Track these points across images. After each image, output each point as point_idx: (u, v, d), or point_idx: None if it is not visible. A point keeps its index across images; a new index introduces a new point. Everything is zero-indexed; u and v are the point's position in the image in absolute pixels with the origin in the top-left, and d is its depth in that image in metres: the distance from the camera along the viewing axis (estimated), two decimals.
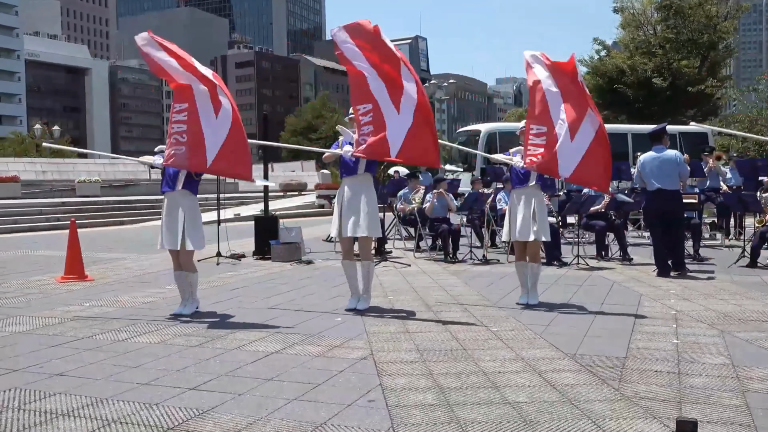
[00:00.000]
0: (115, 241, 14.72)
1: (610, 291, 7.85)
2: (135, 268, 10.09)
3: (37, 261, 11.11)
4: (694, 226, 10.76)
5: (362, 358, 4.90)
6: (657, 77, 33.90)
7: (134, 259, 11.31)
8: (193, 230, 6.54)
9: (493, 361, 4.79)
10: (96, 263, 10.60)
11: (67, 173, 29.40)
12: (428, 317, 6.37)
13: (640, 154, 14.47)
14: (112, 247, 13.50)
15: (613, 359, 4.83)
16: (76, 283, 8.60)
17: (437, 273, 9.46)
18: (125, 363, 4.83)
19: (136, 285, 8.51)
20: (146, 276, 9.36)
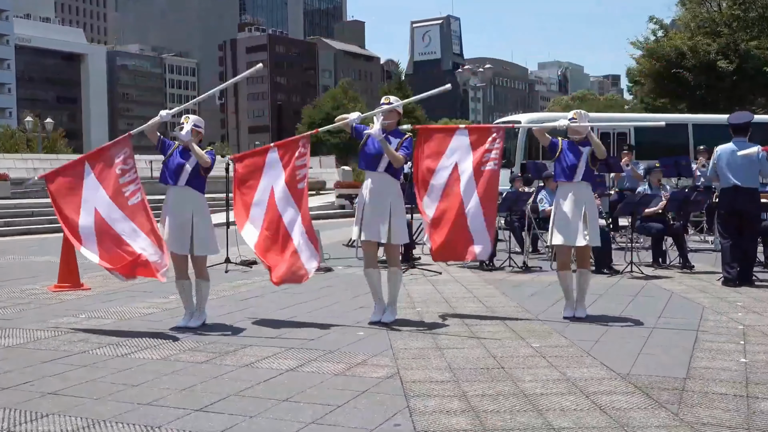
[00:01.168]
0: None
1: (668, 303, 7.78)
2: None
3: (28, 268, 11.29)
4: (766, 229, 10.62)
5: (387, 377, 4.90)
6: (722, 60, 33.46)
7: None
8: (205, 233, 6.59)
9: (534, 382, 4.77)
10: (92, 270, 10.70)
11: None
12: (461, 331, 6.36)
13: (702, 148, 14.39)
14: None
15: (672, 380, 4.78)
16: (71, 293, 8.71)
17: (472, 282, 9.44)
18: (125, 381, 4.88)
19: (137, 294, 8.61)
20: (148, 284, 9.44)
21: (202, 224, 6.58)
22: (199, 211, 6.60)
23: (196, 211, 6.56)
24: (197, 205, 6.61)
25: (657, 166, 11.53)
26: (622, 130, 21.39)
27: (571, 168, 6.90)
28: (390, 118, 6.75)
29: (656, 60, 35.55)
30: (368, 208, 6.63)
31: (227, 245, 11.05)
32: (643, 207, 10.49)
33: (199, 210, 6.61)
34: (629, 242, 10.77)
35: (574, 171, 6.89)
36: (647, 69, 36.20)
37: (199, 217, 6.57)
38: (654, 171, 11.35)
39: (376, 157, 6.63)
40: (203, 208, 6.67)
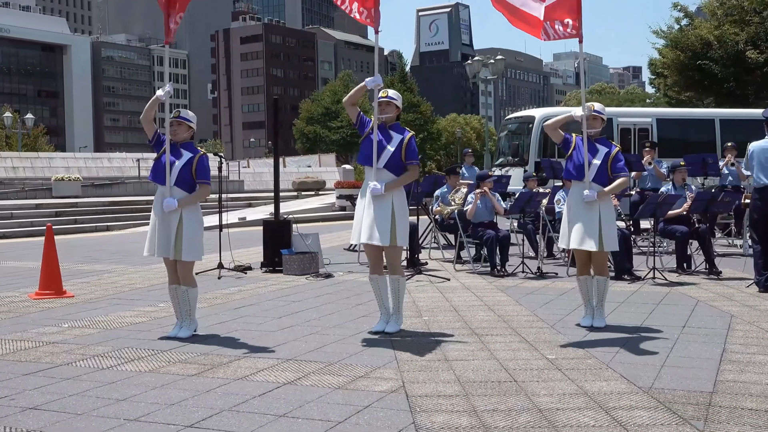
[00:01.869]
0: (98, 250, 14.93)
1: (693, 311, 7.77)
2: (122, 283, 10.23)
3: (6, 273, 11.31)
4: None
5: (392, 391, 4.91)
6: (751, 50, 33.41)
7: (121, 271, 11.46)
8: (192, 236, 6.53)
9: (550, 396, 4.77)
10: (76, 276, 10.76)
11: (43, 170, 29.92)
12: (471, 342, 6.37)
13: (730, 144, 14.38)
14: (95, 256, 13.69)
15: (698, 394, 4.78)
16: (53, 300, 8.73)
17: (482, 289, 9.45)
18: (110, 395, 4.89)
19: (124, 302, 8.62)
20: (135, 292, 9.48)
21: (190, 227, 6.52)
22: (190, 212, 6.56)
23: (185, 213, 6.51)
24: (189, 208, 6.56)
25: (682, 164, 11.52)
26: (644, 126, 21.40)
27: (579, 168, 6.92)
28: (388, 111, 6.77)
29: (680, 50, 35.52)
30: (368, 207, 6.62)
31: (220, 250, 11.07)
32: (667, 208, 10.49)
33: (189, 211, 6.56)
34: (651, 246, 10.77)
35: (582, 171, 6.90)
36: (671, 60, 36.16)
37: (189, 220, 6.52)
38: (678, 169, 11.34)
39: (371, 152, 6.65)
40: (194, 209, 6.64)
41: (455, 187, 11.93)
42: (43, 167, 30.30)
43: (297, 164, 47.30)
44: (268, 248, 11.42)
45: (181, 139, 6.72)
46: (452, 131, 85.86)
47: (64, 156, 35.68)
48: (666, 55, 36.84)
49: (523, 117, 24.65)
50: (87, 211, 22.09)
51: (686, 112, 25.99)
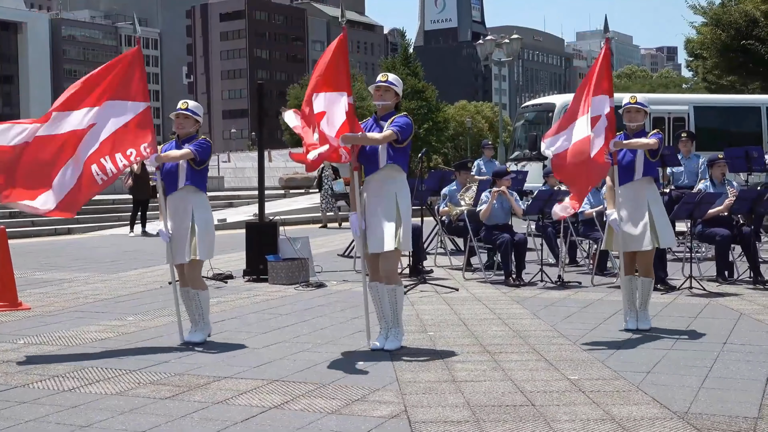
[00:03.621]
0: (59, 257, 14.93)
1: (736, 325, 7.79)
2: (86, 293, 10.24)
3: None
4: None
5: (392, 417, 4.92)
6: None
7: (85, 280, 11.46)
8: (206, 235, 7.06)
9: (572, 422, 4.79)
10: (33, 286, 10.76)
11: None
12: (482, 360, 6.38)
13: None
14: (55, 264, 13.70)
15: (741, 420, 4.80)
16: (7, 313, 8.73)
17: (495, 300, 9.47)
18: (73, 421, 4.90)
19: (88, 315, 8.63)
20: (101, 303, 9.49)
21: (203, 225, 7.05)
22: (201, 210, 7.11)
23: (197, 211, 7.05)
24: (200, 204, 7.11)
25: (720, 157, 11.54)
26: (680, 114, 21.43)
27: (628, 165, 7.19)
28: (386, 98, 6.80)
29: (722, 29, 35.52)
30: (371, 212, 6.67)
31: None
32: (705, 208, 10.50)
33: (201, 209, 7.12)
34: (688, 252, 10.78)
35: (632, 168, 7.23)
36: (711, 40, 36.17)
37: (201, 217, 7.07)
38: (717, 163, 11.35)
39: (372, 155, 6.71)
40: (207, 208, 7.24)
41: (465, 184, 11.93)
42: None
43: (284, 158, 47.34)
44: (251, 254, 11.42)
45: (185, 133, 7.15)
46: (461, 121, 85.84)
47: None
48: (705, 33, 36.85)
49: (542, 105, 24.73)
50: None
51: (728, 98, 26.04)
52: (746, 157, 13.63)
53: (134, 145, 6.92)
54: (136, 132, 6.97)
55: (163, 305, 9.21)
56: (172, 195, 7.07)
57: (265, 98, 14.07)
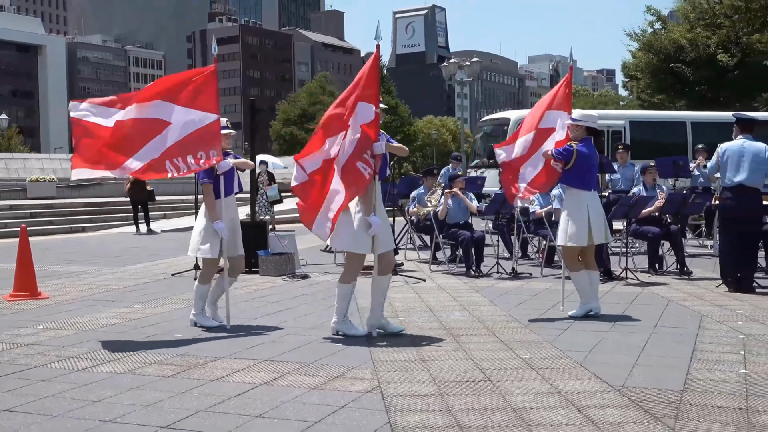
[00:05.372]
0: (74, 252, 14.81)
1: (665, 311, 7.85)
2: (97, 284, 10.16)
3: None
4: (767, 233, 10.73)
5: (368, 391, 4.92)
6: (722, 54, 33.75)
7: (97, 273, 11.38)
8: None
9: (524, 395, 4.80)
10: (51, 278, 10.67)
11: (17, 171, 29.58)
12: (446, 342, 6.39)
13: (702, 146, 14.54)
14: (70, 258, 13.59)
15: (669, 392, 4.83)
16: (28, 302, 8.66)
17: (457, 290, 9.48)
18: (86, 397, 4.87)
19: (99, 304, 8.57)
20: (111, 293, 9.42)
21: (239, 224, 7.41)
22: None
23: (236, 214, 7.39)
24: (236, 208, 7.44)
25: (651, 165, 11.63)
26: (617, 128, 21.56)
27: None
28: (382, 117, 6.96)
29: (653, 53, 35.79)
30: (381, 215, 6.72)
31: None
32: (639, 209, 10.58)
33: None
34: (624, 247, 10.86)
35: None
36: (644, 63, 36.43)
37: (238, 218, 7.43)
38: (648, 170, 11.45)
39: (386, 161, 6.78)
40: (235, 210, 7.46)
41: (432, 188, 11.97)
42: (17, 168, 29.95)
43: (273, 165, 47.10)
44: (244, 249, 11.34)
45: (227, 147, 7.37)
46: (428, 133, 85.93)
47: (39, 157, 35.33)
48: (639, 58, 37.10)
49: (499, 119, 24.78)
50: (62, 212, 21.90)
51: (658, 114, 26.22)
52: (674, 165, 13.73)
53: (204, 149, 6.81)
54: (207, 139, 6.85)
55: (166, 294, 9.16)
56: (229, 197, 7.17)
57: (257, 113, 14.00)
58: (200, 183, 7.09)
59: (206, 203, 7.09)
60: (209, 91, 7.01)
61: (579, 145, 7.45)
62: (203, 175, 7.01)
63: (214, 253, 7.07)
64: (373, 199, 6.60)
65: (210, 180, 7.02)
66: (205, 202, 7.10)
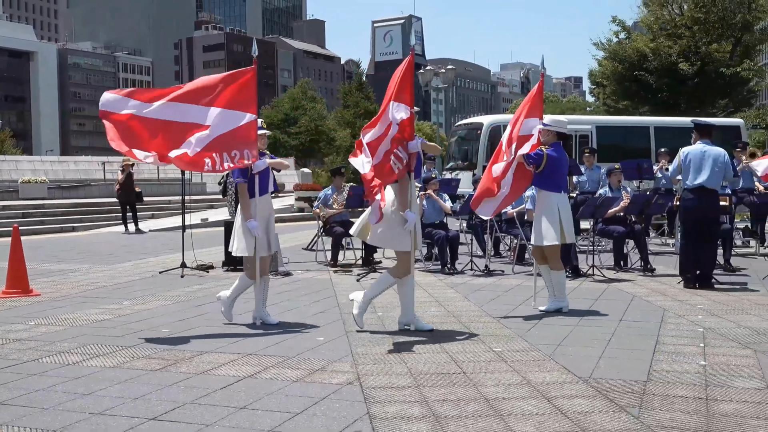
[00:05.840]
0: (64, 250, 14.68)
1: (629, 306, 7.90)
2: (87, 282, 10.07)
3: None
4: (725, 231, 10.84)
5: (347, 383, 4.91)
6: (683, 62, 34.04)
7: (87, 270, 11.28)
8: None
9: (496, 386, 4.81)
10: (43, 276, 10.57)
11: (9, 172, 29.27)
12: (423, 337, 6.39)
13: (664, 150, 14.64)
14: (61, 257, 13.46)
15: (633, 383, 4.86)
16: (20, 299, 8.57)
17: (433, 286, 9.49)
18: (76, 390, 4.82)
19: (89, 301, 8.50)
20: (100, 290, 9.34)
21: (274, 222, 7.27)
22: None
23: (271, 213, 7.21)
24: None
25: (617, 167, 11.70)
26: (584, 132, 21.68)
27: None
28: None
29: (618, 62, 36.00)
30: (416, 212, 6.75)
31: (183, 249, 10.96)
32: (605, 210, 10.64)
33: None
34: (591, 245, 10.91)
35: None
36: (609, 71, 36.64)
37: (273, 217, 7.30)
38: (614, 172, 11.52)
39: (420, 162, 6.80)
40: None
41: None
42: (9, 170, 29.63)
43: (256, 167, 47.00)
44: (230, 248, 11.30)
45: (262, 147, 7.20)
46: None
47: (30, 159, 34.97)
48: (605, 66, 37.31)
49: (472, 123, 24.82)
50: (53, 212, 21.71)
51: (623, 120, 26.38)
52: (638, 167, 13.83)
53: (240, 149, 6.66)
54: (243, 139, 6.69)
55: (153, 291, 9.10)
56: (263, 196, 6.98)
57: None
58: (235, 182, 6.91)
59: (241, 202, 6.93)
60: (248, 91, 6.86)
61: (549, 149, 7.48)
62: (238, 174, 6.85)
63: (248, 250, 6.92)
64: (409, 195, 6.53)
65: (245, 179, 6.85)
66: (240, 202, 6.94)
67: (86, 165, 33.74)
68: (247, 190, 6.89)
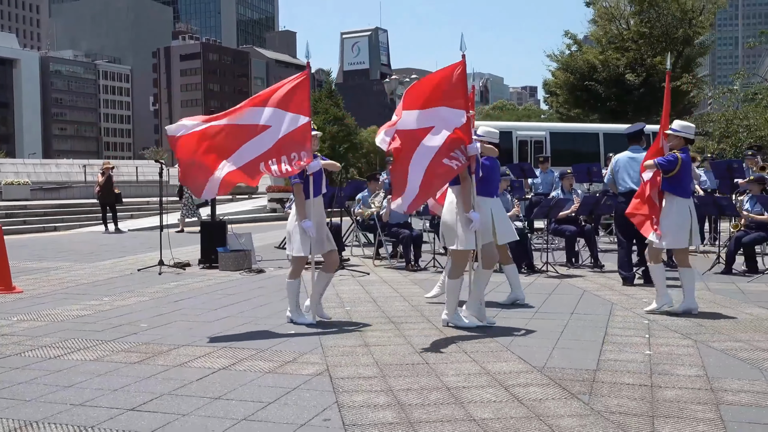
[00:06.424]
0: (46, 249, 14.44)
1: (580, 300, 7.97)
2: (68, 279, 9.92)
3: None
4: None
5: (317, 374, 4.90)
6: (630, 73, 34.51)
7: (68, 268, 11.12)
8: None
9: (457, 376, 4.83)
10: (25, 273, 10.39)
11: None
12: (388, 330, 6.39)
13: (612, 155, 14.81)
14: (43, 255, 13.24)
15: (584, 372, 4.91)
16: (3, 296, 8.41)
17: (398, 282, 9.50)
18: (57, 382, 4.75)
19: (70, 297, 8.37)
20: (81, 287, 9.21)
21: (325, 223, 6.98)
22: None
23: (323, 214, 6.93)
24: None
25: (569, 171, 11.81)
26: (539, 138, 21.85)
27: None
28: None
29: (570, 73, 36.44)
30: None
31: (161, 248, 10.85)
32: (557, 210, 10.74)
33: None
34: (545, 244, 11.01)
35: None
36: (562, 81, 37.07)
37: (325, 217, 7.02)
38: (566, 176, 11.64)
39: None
40: None
41: (375, 191, 11.98)
42: None
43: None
44: (205, 246, 11.24)
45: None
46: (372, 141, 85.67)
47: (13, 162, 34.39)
48: (558, 76, 37.72)
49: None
50: (36, 213, 21.36)
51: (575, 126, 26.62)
52: (588, 171, 13.97)
53: (296, 150, 6.42)
54: (299, 140, 6.45)
55: (132, 288, 8.99)
56: (317, 198, 6.71)
57: None
58: (291, 182, 6.67)
59: (296, 202, 6.68)
60: (302, 94, 6.64)
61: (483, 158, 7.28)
62: (295, 175, 6.59)
63: (305, 250, 6.63)
64: (471, 196, 6.42)
65: (300, 180, 6.61)
66: (295, 202, 6.70)
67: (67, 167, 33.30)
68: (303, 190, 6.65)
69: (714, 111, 36.04)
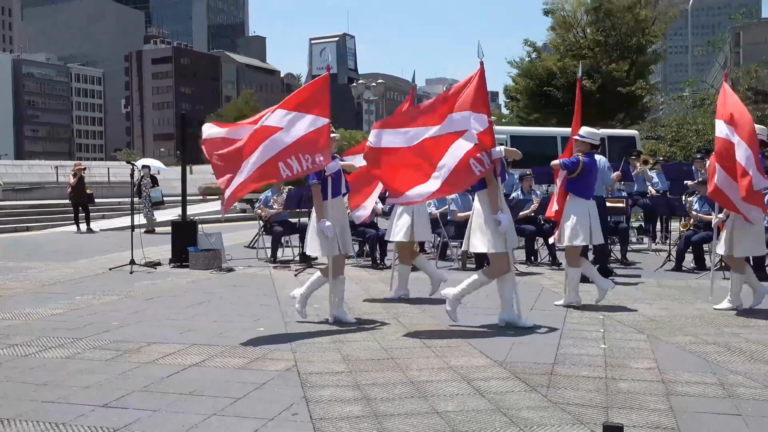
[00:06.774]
0: (19, 249, 14.18)
1: (539, 296, 8.05)
2: (42, 278, 9.75)
3: None
4: (622, 230, 11.15)
5: (286, 370, 4.88)
6: (586, 80, 34.90)
7: (41, 268, 10.92)
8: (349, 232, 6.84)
9: (421, 371, 4.85)
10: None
11: None
12: (356, 326, 6.40)
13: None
14: (16, 255, 13.00)
15: (542, 365, 4.96)
16: None
17: (365, 280, 9.50)
18: (30, 380, 4.67)
19: (43, 296, 8.23)
20: (54, 286, 9.06)
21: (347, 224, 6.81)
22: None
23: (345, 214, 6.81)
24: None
25: (528, 173, 11.91)
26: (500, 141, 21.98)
27: None
28: None
29: (530, 79, 36.75)
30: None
31: (132, 248, 10.71)
32: (517, 211, 10.82)
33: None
34: None
35: None
36: (522, 87, 37.37)
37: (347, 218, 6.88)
38: (525, 178, 11.74)
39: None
40: None
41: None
42: None
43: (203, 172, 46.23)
44: (176, 246, 11.13)
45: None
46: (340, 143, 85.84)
47: None
48: (518, 82, 38.01)
49: None
50: (8, 213, 20.94)
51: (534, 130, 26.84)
52: (547, 173, 14.06)
53: (313, 152, 6.27)
54: (317, 142, 6.31)
55: (104, 287, 8.87)
56: (336, 198, 6.56)
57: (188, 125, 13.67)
58: (309, 183, 6.52)
59: (315, 204, 6.56)
60: (322, 96, 6.53)
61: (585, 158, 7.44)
62: (312, 176, 6.45)
63: (331, 251, 6.46)
64: (498, 199, 6.35)
65: (318, 181, 6.47)
66: (314, 203, 6.57)
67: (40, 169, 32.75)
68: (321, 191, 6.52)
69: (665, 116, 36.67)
